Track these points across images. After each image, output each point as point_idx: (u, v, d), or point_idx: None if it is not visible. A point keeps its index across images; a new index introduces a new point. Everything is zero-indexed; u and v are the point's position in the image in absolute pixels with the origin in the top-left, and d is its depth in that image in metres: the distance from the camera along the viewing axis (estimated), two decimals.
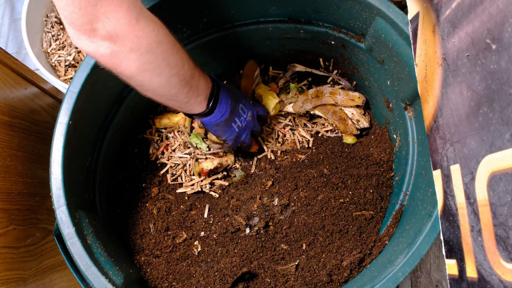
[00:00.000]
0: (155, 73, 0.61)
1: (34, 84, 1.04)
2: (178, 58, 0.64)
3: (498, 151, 0.46)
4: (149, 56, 0.59)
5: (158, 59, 0.60)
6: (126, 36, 0.55)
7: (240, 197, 0.93)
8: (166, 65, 0.62)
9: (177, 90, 0.67)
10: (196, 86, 0.71)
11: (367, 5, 0.78)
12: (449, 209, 0.60)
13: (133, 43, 0.56)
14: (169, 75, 0.63)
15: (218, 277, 0.82)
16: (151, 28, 0.58)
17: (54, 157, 0.72)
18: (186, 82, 0.68)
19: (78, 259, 0.69)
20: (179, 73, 0.65)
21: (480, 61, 0.48)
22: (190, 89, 0.70)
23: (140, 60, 0.58)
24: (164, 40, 0.60)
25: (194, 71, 0.70)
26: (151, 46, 0.58)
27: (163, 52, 0.61)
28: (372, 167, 0.93)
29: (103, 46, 0.55)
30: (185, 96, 0.70)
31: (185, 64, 0.66)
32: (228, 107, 0.80)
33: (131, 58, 0.57)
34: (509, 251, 0.45)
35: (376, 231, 0.87)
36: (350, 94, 0.99)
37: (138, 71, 0.60)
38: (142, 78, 0.62)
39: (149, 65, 0.60)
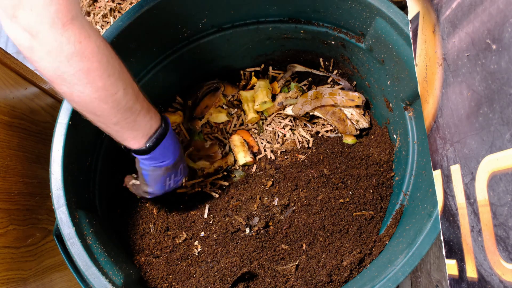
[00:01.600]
0: (74, 88, 0.56)
1: (34, 84, 1.04)
2: (109, 83, 0.57)
3: (498, 151, 0.46)
4: (68, 66, 0.53)
5: (79, 73, 0.54)
6: (45, 37, 0.51)
7: (240, 197, 0.93)
8: (88, 83, 0.56)
9: (104, 114, 0.61)
10: (133, 120, 0.64)
11: (367, 5, 0.78)
12: (449, 209, 0.60)
13: (51, 47, 0.51)
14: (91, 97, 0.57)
15: (218, 277, 0.82)
16: (77, 39, 0.53)
17: (54, 157, 0.72)
18: (117, 111, 0.61)
19: (78, 259, 0.69)
20: (107, 99, 0.58)
21: (480, 61, 0.48)
22: (123, 120, 0.63)
23: (58, 67, 0.53)
24: (91, 58, 0.54)
25: (134, 103, 0.62)
26: (72, 57, 0.53)
27: (87, 69, 0.54)
28: (372, 167, 0.93)
29: (22, 36, 0.51)
30: (115, 124, 0.63)
31: (119, 92, 0.59)
32: (174, 157, 0.73)
33: (48, 61, 0.53)
34: (509, 251, 0.45)
35: (376, 231, 0.87)
36: (349, 94, 0.99)
37: (56, 77, 0.54)
38: (61, 87, 0.56)
39: (68, 76, 0.54)
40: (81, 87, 0.56)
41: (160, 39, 0.87)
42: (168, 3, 0.79)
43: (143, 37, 0.83)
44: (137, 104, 0.64)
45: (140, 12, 0.77)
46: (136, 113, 0.64)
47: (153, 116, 0.68)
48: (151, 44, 0.87)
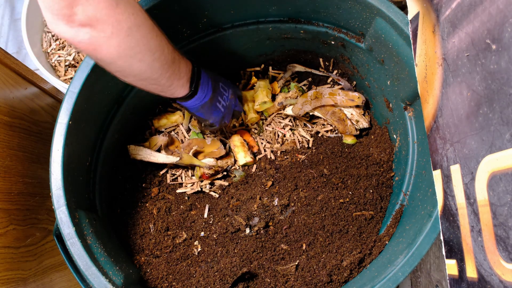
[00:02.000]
0: (136, 58, 0.61)
1: (34, 84, 1.04)
2: (158, 43, 0.63)
3: (498, 151, 0.46)
4: (130, 40, 0.58)
5: (139, 44, 0.59)
6: (106, 20, 0.54)
7: (240, 197, 0.93)
8: (147, 49, 0.61)
9: (159, 74, 0.67)
10: (178, 69, 0.71)
11: (367, 5, 0.78)
12: (449, 209, 0.60)
13: (114, 28, 0.55)
14: (151, 60, 0.63)
15: (218, 277, 0.82)
16: (130, 12, 0.57)
17: (54, 157, 0.72)
18: (168, 66, 0.67)
19: (78, 259, 0.69)
20: (161, 57, 0.65)
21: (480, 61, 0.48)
22: (172, 73, 0.70)
23: (121, 45, 0.57)
24: (143, 24, 0.59)
25: (174, 54, 0.69)
26: (131, 30, 0.57)
27: (143, 36, 0.60)
28: (372, 167, 0.93)
29: (82, 31, 0.54)
30: (167, 80, 0.70)
31: (165, 48, 0.66)
32: (210, 87, 0.81)
33: (111, 44, 0.56)
34: (509, 251, 0.45)
35: (376, 231, 0.87)
36: (349, 94, 0.99)
37: (119, 56, 0.59)
38: (123, 63, 0.60)
39: (130, 50, 0.59)
40: (141, 54, 0.61)
41: None
42: (168, 3, 0.79)
43: None
44: (176, 54, 0.70)
45: None
46: (178, 62, 0.71)
47: (187, 61, 0.75)
48: None
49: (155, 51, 0.63)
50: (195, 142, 0.97)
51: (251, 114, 1.03)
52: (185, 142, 0.99)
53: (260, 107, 1.02)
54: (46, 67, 1.28)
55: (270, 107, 1.03)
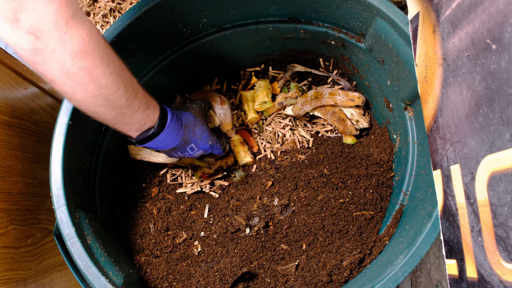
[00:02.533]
0: (77, 86, 0.56)
1: (34, 84, 1.04)
2: (111, 81, 0.58)
3: (498, 151, 0.46)
4: (72, 65, 0.53)
5: (82, 72, 0.54)
6: (50, 36, 0.50)
7: (240, 197, 0.93)
8: (91, 81, 0.56)
9: (103, 111, 0.62)
10: (129, 117, 0.66)
11: (367, 5, 0.78)
12: (449, 209, 0.60)
13: (56, 45, 0.51)
14: (94, 94, 0.58)
15: (218, 277, 0.82)
16: (80, 36, 0.52)
17: (54, 157, 0.72)
18: (115, 108, 0.62)
19: (78, 259, 0.69)
20: (108, 96, 0.59)
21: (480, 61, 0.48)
22: (120, 116, 0.64)
23: (62, 66, 0.53)
24: (94, 55, 0.55)
25: (133, 100, 0.64)
26: (76, 55, 0.53)
27: (90, 67, 0.55)
28: (372, 167, 0.93)
29: (25, 40, 0.50)
30: (112, 119, 0.64)
31: (119, 90, 0.60)
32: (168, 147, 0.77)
33: (52, 60, 0.52)
34: (509, 251, 0.45)
35: (376, 231, 0.87)
36: (349, 94, 0.99)
37: (59, 76, 0.54)
38: (62, 87, 0.56)
39: (71, 75, 0.54)
40: (84, 85, 0.56)
41: (160, 39, 0.87)
42: (168, 3, 0.79)
43: (143, 37, 0.83)
44: (136, 100, 0.65)
45: (140, 12, 0.77)
46: (134, 109, 0.65)
47: (150, 113, 0.69)
48: (151, 44, 0.87)
49: (103, 88, 0.58)
50: None
51: (251, 114, 1.03)
52: None
53: (260, 107, 1.02)
54: None
55: (270, 107, 1.03)
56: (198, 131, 0.82)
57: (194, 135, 0.81)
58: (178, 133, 0.76)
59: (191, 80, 1.05)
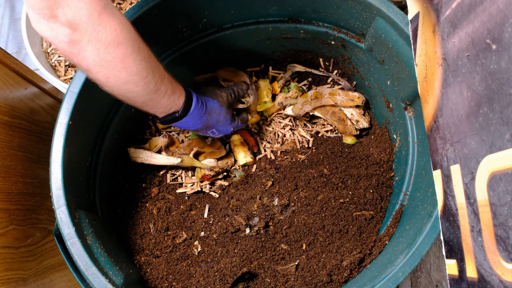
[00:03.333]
0: (110, 73, 0.60)
1: (34, 84, 1.04)
2: (141, 67, 0.62)
3: (498, 151, 0.46)
4: (106, 54, 0.57)
5: (115, 60, 0.58)
6: (85, 28, 0.54)
7: (240, 197, 0.93)
8: (123, 69, 0.60)
9: (133, 96, 0.66)
10: (156, 102, 0.70)
11: (367, 5, 0.78)
12: (449, 209, 0.60)
13: (91, 36, 0.55)
14: (125, 81, 0.62)
15: (218, 277, 0.82)
16: (113, 26, 0.56)
17: (54, 157, 0.72)
18: (145, 94, 0.66)
19: (78, 259, 0.69)
20: (138, 82, 0.63)
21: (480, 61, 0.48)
22: (149, 101, 0.69)
23: (97, 55, 0.57)
24: (126, 43, 0.58)
25: (160, 85, 0.68)
26: (110, 44, 0.57)
27: (123, 54, 0.58)
28: (372, 167, 0.93)
29: (62, 33, 0.54)
30: (141, 103, 0.69)
31: (149, 75, 0.64)
32: (191, 128, 0.81)
33: (88, 50, 0.56)
34: (509, 251, 0.45)
35: (376, 231, 0.87)
36: (349, 94, 0.99)
37: (94, 65, 0.58)
38: (97, 74, 0.60)
39: (105, 63, 0.58)
40: (117, 72, 0.60)
41: (160, 39, 0.87)
42: (168, 3, 0.79)
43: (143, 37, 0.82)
44: (163, 86, 0.68)
45: (140, 12, 0.77)
46: (161, 95, 0.69)
47: (176, 99, 0.73)
48: (151, 44, 0.86)
49: (134, 74, 0.61)
50: (196, 143, 0.97)
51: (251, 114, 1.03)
52: (185, 142, 0.99)
53: (261, 107, 1.02)
54: (46, 67, 1.28)
55: (270, 107, 1.03)
56: (222, 119, 0.85)
57: (217, 122, 0.84)
58: (201, 118, 0.80)
59: (191, 80, 1.05)
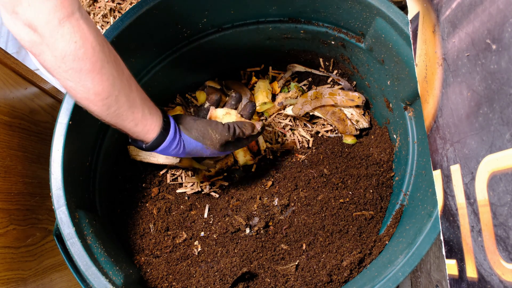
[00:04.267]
0: (67, 84, 0.57)
1: (34, 84, 1.04)
2: (101, 88, 0.57)
3: (498, 151, 0.46)
4: (62, 64, 0.54)
5: (72, 72, 0.55)
6: (42, 32, 0.52)
7: (240, 197, 0.93)
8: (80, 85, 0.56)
9: (96, 113, 0.61)
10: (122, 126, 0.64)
11: (367, 5, 0.78)
12: (449, 209, 0.60)
13: (49, 42, 0.52)
14: (82, 97, 0.58)
15: (218, 277, 0.82)
16: (73, 39, 0.53)
17: (54, 157, 0.72)
18: (106, 115, 0.61)
19: (78, 259, 0.69)
20: (96, 102, 0.59)
21: (480, 61, 0.48)
22: (114, 123, 0.63)
23: (54, 62, 0.54)
24: (85, 60, 0.54)
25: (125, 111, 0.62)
26: (66, 56, 0.53)
27: (80, 70, 0.55)
28: (372, 167, 0.93)
29: (24, 31, 0.52)
30: (108, 123, 0.63)
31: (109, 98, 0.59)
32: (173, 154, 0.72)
33: (47, 55, 0.54)
34: (509, 251, 0.45)
35: (376, 231, 0.87)
36: (349, 94, 0.99)
37: (53, 70, 0.55)
38: (57, 80, 0.57)
39: (62, 72, 0.55)
40: (73, 84, 0.56)
41: (160, 39, 0.87)
42: (168, 3, 0.79)
43: (143, 37, 0.83)
44: (128, 112, 0.63)
45: (140, 12, 0.77)
46: (126, 121, 0.63)
47: (146, 132, 0.66)
48: (151, 44, 0.87)
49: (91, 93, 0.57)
50: None
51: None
52: None
53: (261, 108, 1.02)
54: None
55: (270, 107, 1.03)
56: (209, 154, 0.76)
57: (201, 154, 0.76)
58: (178, 153, 0.72)
59: (191, 80, 1.05)
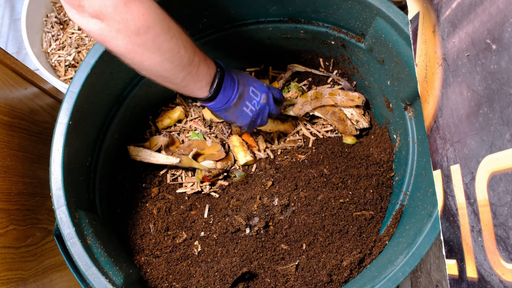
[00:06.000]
0: (144, 56, 0.62)
1: (34, 84, 1.04)
2: (173, 44, 0.63)
3: (498, 151, 0.46)
4: (137, 39, 0.59)
5: (147, 43, 0.60)
6: (112, 17, 0.55)
7: (240, 197, 0.93)
8: (157, 49, 0.62)
9: (171, 74, 0.67)
10: (196, 72, 0.70)
11: (367, 5, 0.78)
12: (449, 209, 0.60)
13: (120, 25, 0.56)
14: (160, 60, 0.63)
15: (218, 277, 0.82)
16: (140, 12, 0.57)
17: (54, 157, 0.72)
18: (182, 67, 0.67)
19: (78, 259, 0.69)
20: (172, 58, 0.65)
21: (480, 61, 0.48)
22: (187, 74, 0.69)
23: (128, 41, 0.59)
24: (155, 25, 0.60)
25: (194, 57, 0.69)
26: (139, 30, 0.58)
27: (153, 36, 0.60)
28: (372, 167, 0.93)
29: (92, 22, 0.56)
30: (182, 80, 0.70)
31: (181, 50, 0.65)
32: (236, 92, 0.79)
33: (119, 38, 0.58)
34: (509, 251, 0.45)
35: (376, 231, 0.87)
36: (349, 94, 0.99)
37: (128, 51, 0.60)
38: (132, 59, 0.62)
39: (138, 47, 0.60)
40: (150, 54, 0.62)
41: None
42: (168, 3, 0.79)
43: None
44: (196, 56, 0.69)
45: None
46: (197, 65, 0.70)
47: (210, 64, 0.74)
48: None
49: (166, 52, 0.63)
50: (196, 143, 0.97)
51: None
52: (186, 142, 0.99)
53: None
54: (46, 67, 1.28)
55: None
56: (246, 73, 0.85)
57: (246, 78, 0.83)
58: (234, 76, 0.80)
59: None
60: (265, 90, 0.85)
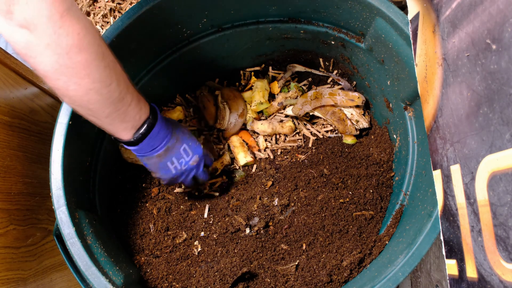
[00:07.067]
0: (71, 81, 0.55)
1: (34, 84, 1.04)
2: (105, 74, 0.57)
3: (498, 151, 0.46)
4: (67, 59, 0.52)
5: (77, 66, 0.54)
6: (44, 29, 0.49)
7: (240, 197, 0.93)
8: (86, 76, 0.55)
9: (97, 107, 0.60)
10: (124, 111, 0.64)
11: (367, 5, 0.78)
12: (449, 209, 0.60)
13: (50, 39, 0.50)
14: (88, 89, 0.57)
15: (218, 277, 0.82)
16: (76, 30, 0.52)
17: (54, 157, 0.72)
18: (110, 103, 0.61)
19: (78, 259, 0.69)
20: (102, 90, 0.58)
21: (480, 61, 0.48)
22: (114, 111, 0.63)
23: (56, 60, 0.52)
24: (89, 48, 0.54)
25: (126, 94, 0.63)
26: (71, 50, 0.52)
27: (85, 61, 0.54)
28: (372, 167, 0.93)
29: (19, 33, 0.49)
30: (107, 116, 0.63)
31: (113, 83, 0.59)
32: (163, 145, 0.73)
33: (46, 55, 0.51)
34: (509, 251, 0.45)
35: (376, 231, 0.87)
36: (349, 94, 0.99)
37: (53, 71, 0.53)
38: (56, 81, 0.55)
39: (66, 69, 0.53)
40: (78, 80, 0.55)
41: (160, 39, 0.87)
42: (168, 3, 0.79)
43: (143, 37, 0.83)
44: (128, 94, 0.64)
45: (140, 12, 0.77)
46: (127, 104, 0.64)
47: (143, 107, 0.68)
48: (151, 44, 0.87)
49: (97, 82, 0.57)
50: None
51: (250, 115, 1.03)
52: None
53: (257, 108, 1.02)
54: None
55: (270, 107, 1.03)
56: (186, 130, 0.80)
57: (183, 134, 0.78)
58: (168, 128, 0.74)
59: (191, 80, 1.05)
60: (199, 152, 0.81)
